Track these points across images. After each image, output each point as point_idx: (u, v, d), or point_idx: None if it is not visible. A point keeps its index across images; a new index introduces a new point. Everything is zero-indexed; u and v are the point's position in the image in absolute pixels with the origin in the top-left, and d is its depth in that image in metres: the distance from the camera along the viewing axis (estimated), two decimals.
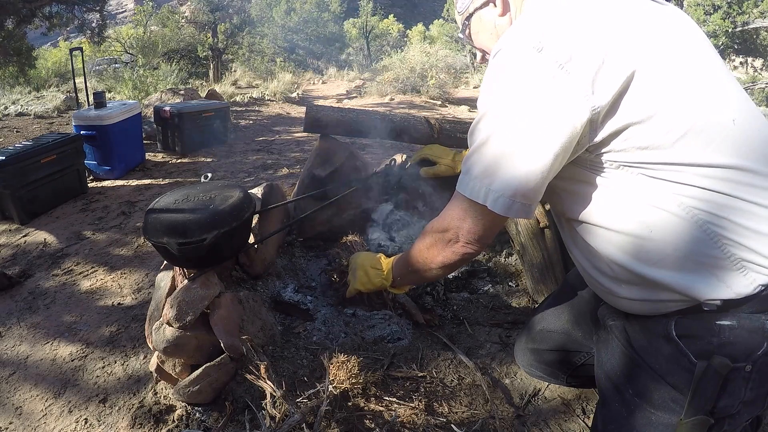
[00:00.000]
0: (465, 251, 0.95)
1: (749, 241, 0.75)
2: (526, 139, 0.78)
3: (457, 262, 1.00)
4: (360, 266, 1.33)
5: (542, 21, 0.80)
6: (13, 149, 2.94)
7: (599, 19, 0.78)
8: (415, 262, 1.09)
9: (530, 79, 0.76)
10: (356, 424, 1.19)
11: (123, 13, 36.07)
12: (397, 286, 1.27)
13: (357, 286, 1.33)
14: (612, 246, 0.84)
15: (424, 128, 1.99)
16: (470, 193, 0.86)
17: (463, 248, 0.95)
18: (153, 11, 15.16)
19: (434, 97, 8.77)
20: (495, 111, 0.81)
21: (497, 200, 0.82)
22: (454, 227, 0.94)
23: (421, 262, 1.07)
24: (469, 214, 0.90)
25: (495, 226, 0.91)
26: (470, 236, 0.92)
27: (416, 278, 1.19)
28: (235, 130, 5.57)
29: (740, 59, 11.18)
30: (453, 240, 0.95)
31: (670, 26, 0.82)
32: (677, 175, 0.76)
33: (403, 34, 19.94)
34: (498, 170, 0.81)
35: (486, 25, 1.03)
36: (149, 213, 1.35)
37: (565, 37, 0.76)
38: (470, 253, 0.95)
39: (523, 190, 0.81)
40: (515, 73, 0.78)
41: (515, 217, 0.86)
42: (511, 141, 0.79)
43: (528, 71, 0.77)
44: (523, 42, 0.78)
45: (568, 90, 0.74)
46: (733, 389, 0.78)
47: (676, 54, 0.78)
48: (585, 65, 0.74)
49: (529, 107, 0.77)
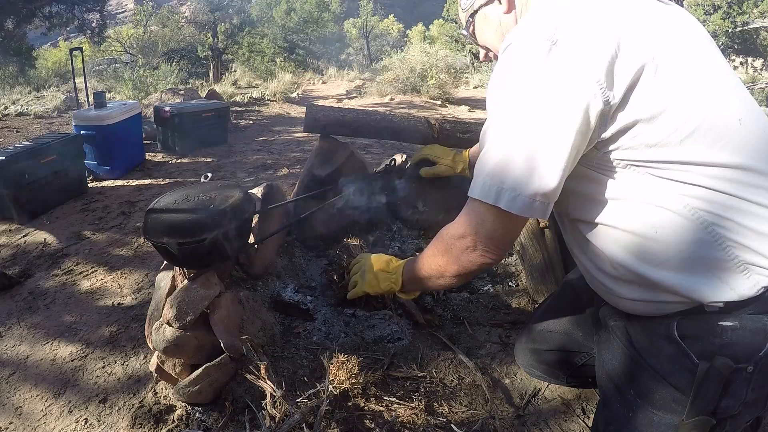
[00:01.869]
0: (483, 261, 0.89)
1: (753, 243, 0.75)
2: (545, 132, 0.76)
3: (473, 272, 0.94)
4: (369, 268, 1.27)
5: (555, 15, 0.79)
6: (13, 149, 2.94)
7: (610, 14, 0.78)
8: (428, 270, 1.04)
9: (545, 71, 0.75)
10: (356, 424, 1.18)
11: (123, 13, 36.07)
12: (406, 291, 1.21)
13: (365, 289, 1.27)
14: (616, 246, 0.84)
15: (424, 128, 1.99)
16: (486, 196, 0.81)
17: (482, 257, 0.89)
18: (153, 11, 15.18)
19: (434, 97, 8.76)
20: (510, 104, 0.79)
21: (515, 200, 0.78)
22: (471, 233, 0.88)
23: (435, 270, 1.01)
24: (487, 218, 0.84)
25: (515, 229, 0.87)
26: (489, 243, 0.86)
27: (428, 285, 1.11)
28: (235, 130, 5.57)
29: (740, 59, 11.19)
30: (470, 248, 0.89)
31: (676, 25, 0.82)
32: (683, 175, 0.76)
33: (403, 34, 19.96)
34: (514, 168, 0.78)
35: (491, 22, 1.02)
36: (149, 213, 1.35)
37: (579, 30, 0.76)
38: (488, 262, 0.90)
39: (545, 188, 0.77)
40: (530, 66, 0.77)
41: (534, 217, 0.82)
42: (528, 136, 0.77)
43: (543, 63, 0.75)
44: (536, 35, 0.77)
45: (583, 82, 0.73)
46: (735, 390, 0.78)
47: (684, 52, 0.78)
48: (599, 58, 0.73)
49: (546, 99, 0.75)
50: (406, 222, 2.07)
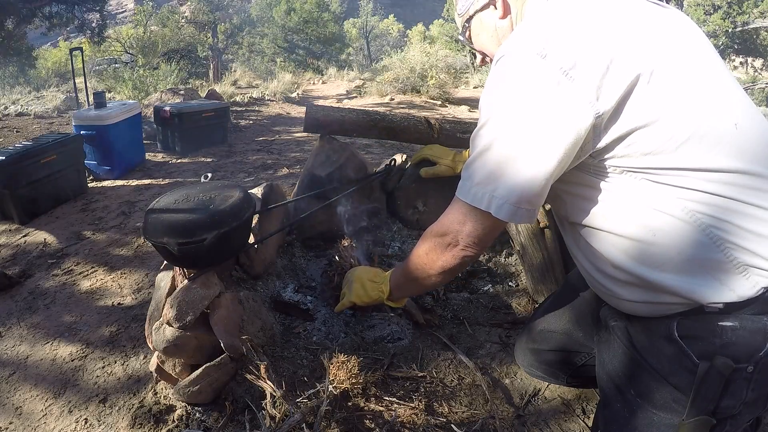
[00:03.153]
0: (464, 254, 0.94)
1: (752, 245, 0.75)
2: (530, 145, 0.78)
3: (456, 267, 0.99)
4: (357, 279, 1.31)
5: (545, 27, 0.80)
6: (13, 149, 2.94)
7: (602, 25, 0.78)
8: (413, 270, 1.08)
9: (534, 85, 0.76)
10: (356, 424, 1.18)
11: (123, 13, 36.08)
12: (395, 299, 1.24)
13: (352, 299, 1.31)
14: (615, 249, 0.84)
15: (424, 128, 1.99)
16: (472, 200, 0.86)
17: (462, 251, 0.94)
18: (153, 11, 15.17)
19: (434, 97, 8.76)
20: (498, 117, 0.81)
21: (501, 207, 0.82)
22: (453, 231, 0.93)
23: (420, 269, 1.05)
24: (470, 218, 0.89)
25: (495, 230, 0.91)
26: (470, 239, 0.91)
27: (415, 288, 1.16)
28: (235, 130, 5.57)
29: (740, 59, 11.20)
30: (452, 244, 0.94)
31: (672, 30, 0.82)
32: (681, 180, 0.76)
33: (403, 34, 19.95)
34: (501, 176, 0.81)
35: (486, 27, 1.02)
36: (149, 213, 1.35)
37: (569, 44, 0.76)
38: (470, 256, 0.95)
39: (528, 196, 0.81)
40: (519, 80, 0.78)
41: (519, 223, 0.87)
42: (515, 147, 0.79)
43: (532, 78, 0.77)
44: (526, 48, 0.78)
45: (572, 96, 0.74)
46: (735, 390, 0.78)
47: (679, 58, 0.78)
48: (589, 72, 0.74)
49: (533, 113, 0.77)
50: (406, 222, 2.07)
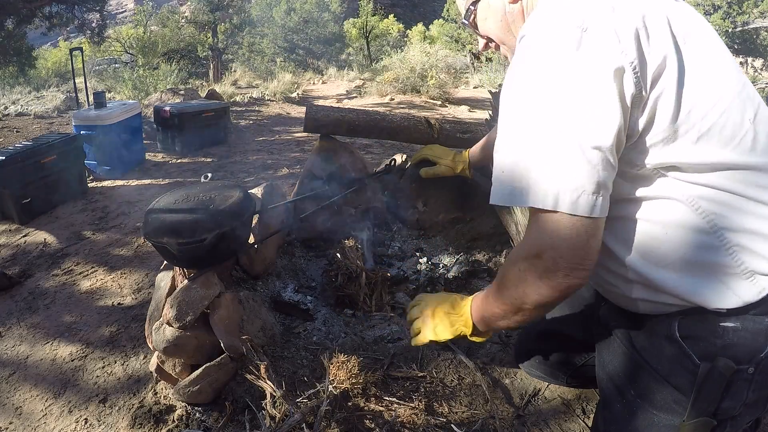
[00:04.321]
0: (569, 283, 0.75)
1: (762, 247, 0.75)
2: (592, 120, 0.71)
3: (557, 300, 0.79)
4: (433, 313, 1.08)
5: (578, 4, 0.77)
6: (13, 149, 2.94)
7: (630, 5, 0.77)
8: (502, 305, 0.88)
9: (582, 56, 0.72)
10: (356, 424, 1.18)
11: (123, 13, 36.08)
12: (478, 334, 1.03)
13: (430, 337, 1.06)
14: (623, 243, 0.83)
15: (424, 128, 1.99)
16: (543, 201, 0.72)
17: (567, 278, 0.74)
18: (153, 11, 15.18)
19: (434, 97, 8.76)
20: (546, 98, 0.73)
21: (578, 200, 0.70)
22: (548, 248, 0.75)
23: (510, 304, 0.85)
24: (560, 226, 0.73)
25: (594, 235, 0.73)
26: (573, 257, 0.73)
27: (503, 323, 0.93)
28: (235, 130, 5.57)
29: (740, 59, 11.19)
30: (551, 269, 0.75)
31: (688, 21, 0.81)
32: (696, 177, 0.75)
33: (403, 34, 19.92)
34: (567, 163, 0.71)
35: (495, 11, 0.97)
36: (149, 213, 1.35)
37: (608, 19, 0.74)
38: (576, 284, 0.75)
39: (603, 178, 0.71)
40: (563, 55, 0.73)
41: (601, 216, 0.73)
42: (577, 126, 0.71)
43: (576, 51, 0.73)
44: (565, 22, 0.75)
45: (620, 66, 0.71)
46: (736, 391, 0.77)
47: (698, 49, 0.77)
48: (631, 44, 0.72)
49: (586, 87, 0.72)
50: (406, 222, 2.07)
